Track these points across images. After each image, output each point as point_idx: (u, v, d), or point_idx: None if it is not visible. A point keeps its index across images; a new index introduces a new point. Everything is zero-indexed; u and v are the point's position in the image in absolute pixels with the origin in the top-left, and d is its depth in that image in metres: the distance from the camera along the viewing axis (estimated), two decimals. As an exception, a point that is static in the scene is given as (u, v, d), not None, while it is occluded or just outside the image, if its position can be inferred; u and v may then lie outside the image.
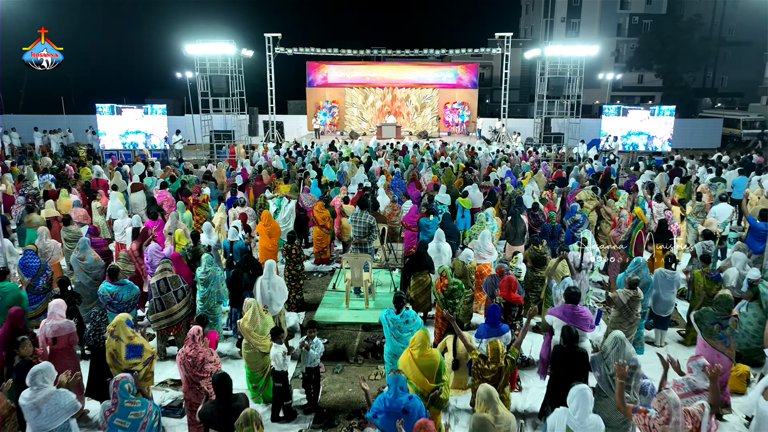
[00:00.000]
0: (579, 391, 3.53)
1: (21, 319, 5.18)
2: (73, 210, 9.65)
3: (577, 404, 3.50)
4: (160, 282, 6.01)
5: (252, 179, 12.18)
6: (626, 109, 21.41)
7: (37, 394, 3.76)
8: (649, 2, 44.07)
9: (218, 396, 3.87)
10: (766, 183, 11.24)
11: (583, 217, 8.92)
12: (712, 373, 3.69)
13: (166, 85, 42.26)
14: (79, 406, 3.89)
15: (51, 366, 3.85)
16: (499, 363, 4.30)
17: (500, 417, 3.59)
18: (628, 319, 5.60)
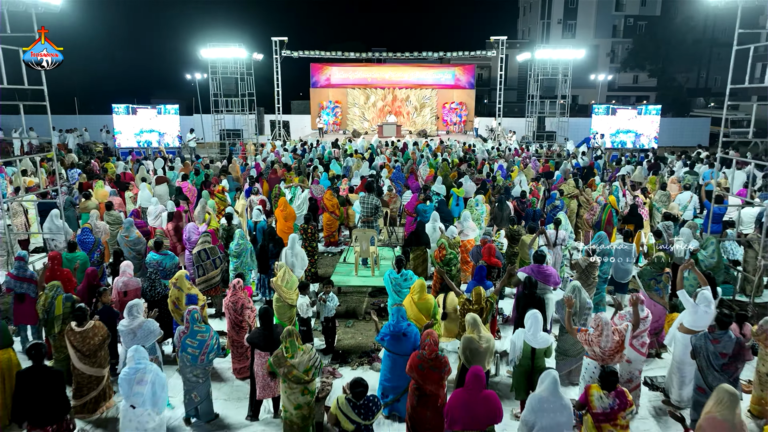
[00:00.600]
0: (532, 315, 4.82)
1: (96, 277, 6.48)
2: (110, 198, 10.94)
3: (531, 323, 4.79)
4: (201, 252, 7.30)
5: (266, 173, 13.49)
6: (615, 109, 22.73)
7: (132, 322, 5.06)
8: (643, 4, 45.39)
9: (262, 325, 5.16)
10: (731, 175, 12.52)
11: (561, 203, 10.22)
12: (633, 300, 4.99)
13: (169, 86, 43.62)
14: (161, 333, 5.18)
15: (141, 301, 5.15)
16: (481, 304, 5.60)
17: (483, 336, 4.88)
18: (587, 281, 6.88)
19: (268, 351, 5.03)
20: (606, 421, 3.89)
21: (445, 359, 4.48)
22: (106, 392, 5.46)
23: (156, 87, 42.20)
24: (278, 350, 4.67)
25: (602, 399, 3.92)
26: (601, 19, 45.12)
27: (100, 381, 5.36)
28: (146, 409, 4.21)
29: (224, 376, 6.07)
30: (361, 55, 26.22)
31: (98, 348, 5.26)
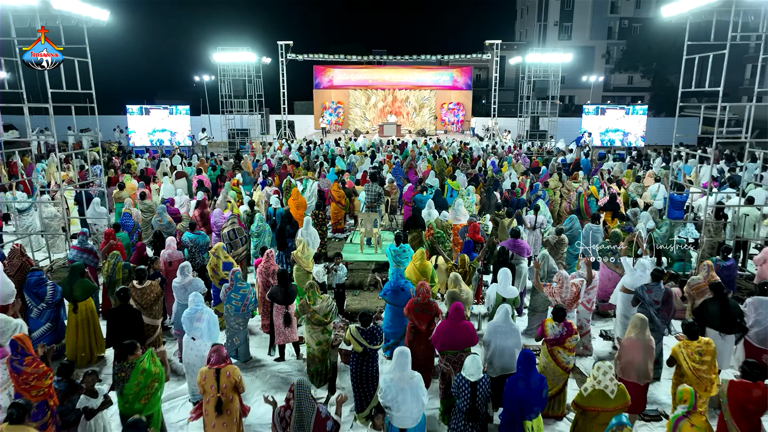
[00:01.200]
0: (503, 271, 6.14)
1: (144, 250, 7.80)
2: (138, 190, 12.27)
3: (502, 278, 6.11)
4: (230, 231, 8.61)
5: (277, 168, 14.83)
6: (604, 109, 24.10)
7: (184, 279, 6.38)
8: (638, 6, 46.75)
9: (280, 283, 6.46)
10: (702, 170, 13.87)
11: (544, 193, 11.56)
12: (586, 261, 6.32)
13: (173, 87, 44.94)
14: (205, 290, 6.49)
15: (189, 263, 6.46)
16: (465, 268, 6.92)
17: (463, 290, 6.21)
18: (556, 255, 8.18)
19: (283, 304, 6.36)
20: (557, 344, 5.19)
21: (435, 304, 5.80)
22: (158, 340, 6.77)
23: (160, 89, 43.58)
24: (303, 300, 5.99)
25: (554, 328, 5.23)
26: (596, 21, 46.45)
27: (155, 330, 6.65)
28: (203, 340, 5.52)
29: (254, 330, 7.39)
30: (363, 58, 27.54)
31: (153, 302, 6.56)
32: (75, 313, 6.40)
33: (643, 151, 20.59)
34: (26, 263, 7.23)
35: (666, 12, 9.55)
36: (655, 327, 5.86)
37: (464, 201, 11.02)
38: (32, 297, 6.45)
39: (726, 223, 9.77)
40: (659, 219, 9.60)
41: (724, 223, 9.75)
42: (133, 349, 4.51)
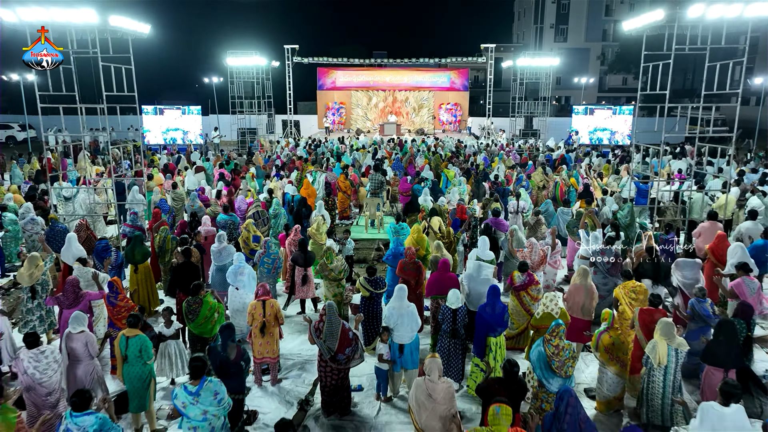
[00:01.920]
0: (482, 238, 7.72)
1: (186, 226, 9.38)
2: (165, 182, 13.87)
3: (481, 243, 7.68)
4: (255, 213, 10.20)
5: (287, 163, 16.44)
6: (592, 109, 25.72)
7: (220, 245, 7.95)
8: (631, 9, 48.40)
9: (301, 250, 8.03)
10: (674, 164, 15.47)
11: (527, 184, 13.15)
12: (552, 231, 7.91)
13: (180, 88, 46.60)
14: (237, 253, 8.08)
15: (224, 233, 8.06)
16: (450, 239, 8.52)
17: (443, 254, 7.79)
18: (535, 233, 9.76)
19: (303, 267, 7.93)
20: (521, 290, 6.76)
21: (419, 263, 7.38)
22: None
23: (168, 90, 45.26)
24: (322, 261, 7.58)
25: (519, 277, 6.81)
26: (591, 24, 48.12)
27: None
28: (245, 290, 7.10)
29: (279, 292, 8.99)
30: (365, 61, 29.15)
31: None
32: (135, 273, 7.98)
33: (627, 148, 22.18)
34: (91, 235, 8.83)
35: (626, 26, 11.08)
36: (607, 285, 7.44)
37: (457, 189, 12.63)
38: (99, 261, 8.04)
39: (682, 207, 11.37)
40: (622, 203, 11.17)
41: (681, 207, 11.35)
42: (200, 289, 6.10)
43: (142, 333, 5.20)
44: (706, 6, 9.00)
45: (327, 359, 5.46)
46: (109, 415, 4.14)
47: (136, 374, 5.10)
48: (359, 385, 6.24)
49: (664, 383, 4.91)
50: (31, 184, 13.80)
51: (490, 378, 5.02)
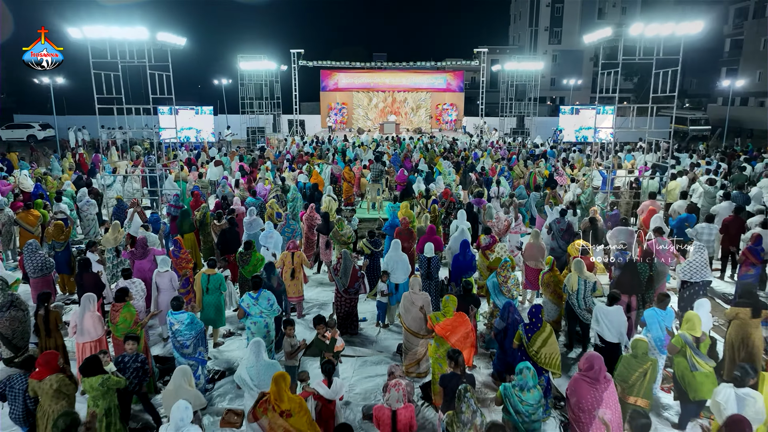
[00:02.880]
0: (461, 212, 9.83)
1: (220, 206, 11.49)
2: (191, 174, 15.99)
3: (460, 216, 9.78)
4: (276, 196, 12.32)
5: (296, 157, 18.57)
6: (578, 109, 27.86)
7: (250, 218, 10.06)
8: (624, 13, 50.64)
9: (324, 221, 10.14)
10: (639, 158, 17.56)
11: (508, 174, 15.26)
12: (514, 205, 10.03)
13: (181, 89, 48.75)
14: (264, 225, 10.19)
15: (254, 208, 10.17)
16: (435, 213, 10.64)
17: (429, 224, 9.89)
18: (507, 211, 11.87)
19: (325, 234, 10.03)
20: (486, 248, 8.86)
21: (411, 230, 9.48)
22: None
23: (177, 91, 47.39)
24: (335, 229, 9.70)
25: (485, 239, 8.91)
26: (584, 27, 50.13)
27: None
28: (272, 250, 9.19)
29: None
30: (366, 64, 31.29)
31: (234, 236, 10.26)
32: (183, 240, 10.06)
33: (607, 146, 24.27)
34: (141, 212, 10.94)
35: (586, 39, 13.20)
36: (559, 245, 9.54)
37: (446, 179, 14.77)
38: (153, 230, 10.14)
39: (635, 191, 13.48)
40: (584, 188, 13.28)
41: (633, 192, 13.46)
42: (251, 245, 8.20)
43: (218, 272, 7.31)
44: (644, 25, 11.11)
45: (342, 291, 7.57)
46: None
47: (213, 302, 7.19)
48: (364, 317, 8.34)
49: (577, 301, 6.99)
50: (78, 174, 15.90)
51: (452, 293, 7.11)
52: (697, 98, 49.56)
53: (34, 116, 35.00)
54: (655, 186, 13.15)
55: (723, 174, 15.38)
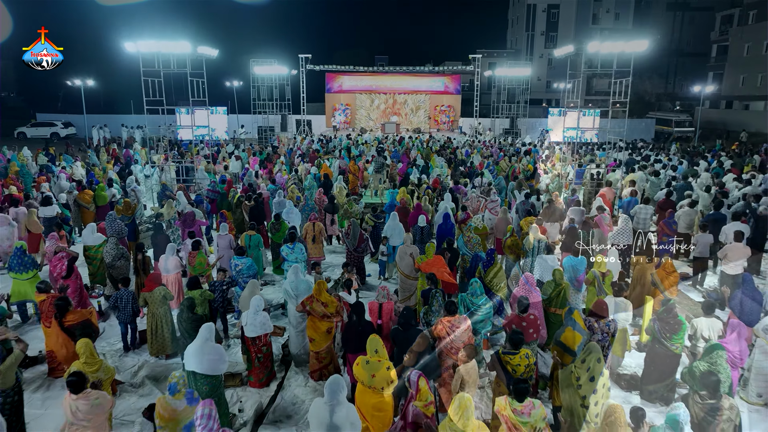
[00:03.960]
0: (447, 194, 12.34)
1: (247, 191, 14.01)
2: (216, 166, 18.52)
3: (447, 197, 12.29)
4: (294, 182, 14.83)
5: (307, 154, 21.11)
6: (565, 111, 30.33)
7: (279, 199, 12.57)
8: (617, 18, 53.17)
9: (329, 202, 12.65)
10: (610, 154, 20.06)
11: (493, 168, 17.78)
12: (487, 189, 12.54)
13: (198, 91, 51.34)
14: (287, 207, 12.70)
15: (281, 191, 12.68)
16: (429, 196, 13.17)
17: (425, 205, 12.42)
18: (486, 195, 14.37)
19: (331, 213, 12.51)
20: (461, 222, 11.34)
21: (408, 208, 11.98)
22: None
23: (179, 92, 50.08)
24: (345, 207, 12.22)
25: (461, 214, 11.40)
26: (579, 31, 52.67)
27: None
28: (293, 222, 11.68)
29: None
30: (369, 68, 33.82)
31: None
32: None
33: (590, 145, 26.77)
34: (186, 194, 13.45)
35: (557, 53, 15.71)
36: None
37: (438, 171, 17.29)
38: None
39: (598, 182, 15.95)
40: (555, 179, 15.78)
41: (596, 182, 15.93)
42: (280, 217, 10.71)
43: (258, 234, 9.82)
44: (599, 43, 13.62)
45: (352, 250, 10.08)
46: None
47: (255, 257, 9.69)
48: (369, 273, 10.84)
49: (532, 258, 9.47)
50: (121, 165, 18.45)
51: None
52: (687, 101, 52.07)
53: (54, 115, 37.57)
54: (615, 177, 15.65)
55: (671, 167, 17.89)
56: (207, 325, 5.57)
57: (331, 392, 4.38)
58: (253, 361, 6.55)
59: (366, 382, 4.91)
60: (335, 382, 4.45)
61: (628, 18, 52.95)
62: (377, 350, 5.06)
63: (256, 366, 6.57)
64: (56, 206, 11.81)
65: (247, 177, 15.72)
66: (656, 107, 48.21)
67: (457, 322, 5.88)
